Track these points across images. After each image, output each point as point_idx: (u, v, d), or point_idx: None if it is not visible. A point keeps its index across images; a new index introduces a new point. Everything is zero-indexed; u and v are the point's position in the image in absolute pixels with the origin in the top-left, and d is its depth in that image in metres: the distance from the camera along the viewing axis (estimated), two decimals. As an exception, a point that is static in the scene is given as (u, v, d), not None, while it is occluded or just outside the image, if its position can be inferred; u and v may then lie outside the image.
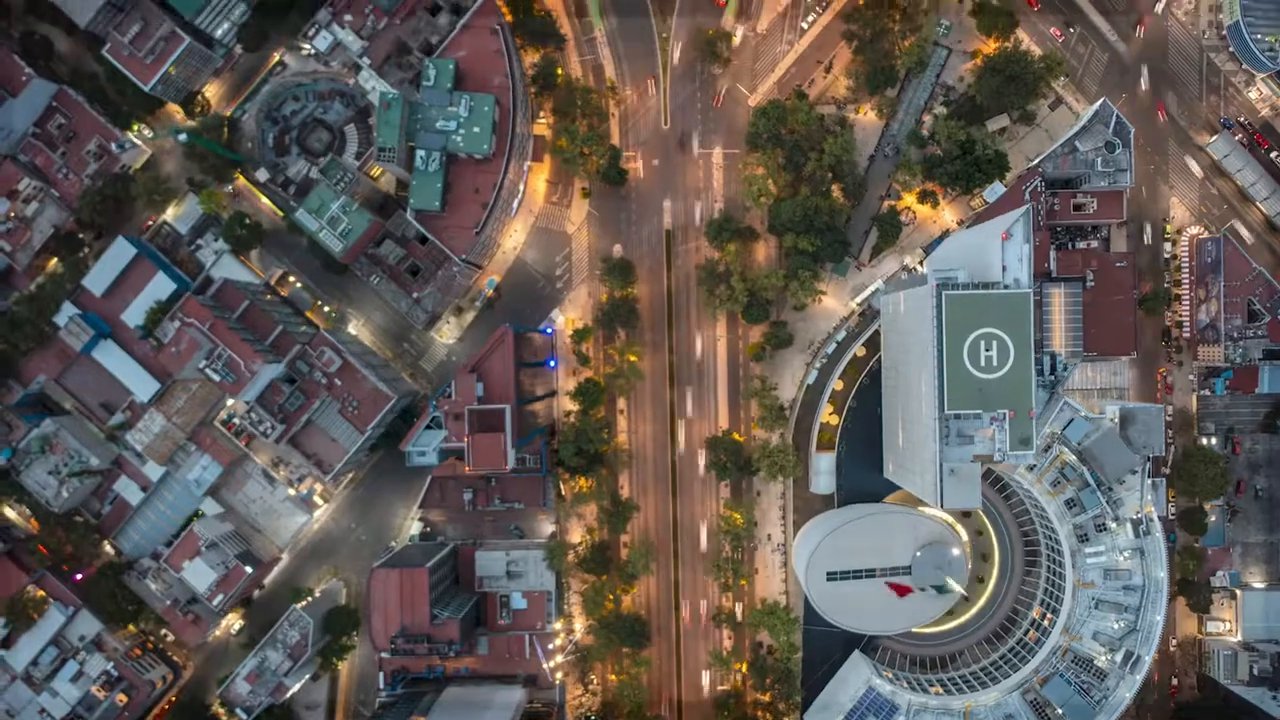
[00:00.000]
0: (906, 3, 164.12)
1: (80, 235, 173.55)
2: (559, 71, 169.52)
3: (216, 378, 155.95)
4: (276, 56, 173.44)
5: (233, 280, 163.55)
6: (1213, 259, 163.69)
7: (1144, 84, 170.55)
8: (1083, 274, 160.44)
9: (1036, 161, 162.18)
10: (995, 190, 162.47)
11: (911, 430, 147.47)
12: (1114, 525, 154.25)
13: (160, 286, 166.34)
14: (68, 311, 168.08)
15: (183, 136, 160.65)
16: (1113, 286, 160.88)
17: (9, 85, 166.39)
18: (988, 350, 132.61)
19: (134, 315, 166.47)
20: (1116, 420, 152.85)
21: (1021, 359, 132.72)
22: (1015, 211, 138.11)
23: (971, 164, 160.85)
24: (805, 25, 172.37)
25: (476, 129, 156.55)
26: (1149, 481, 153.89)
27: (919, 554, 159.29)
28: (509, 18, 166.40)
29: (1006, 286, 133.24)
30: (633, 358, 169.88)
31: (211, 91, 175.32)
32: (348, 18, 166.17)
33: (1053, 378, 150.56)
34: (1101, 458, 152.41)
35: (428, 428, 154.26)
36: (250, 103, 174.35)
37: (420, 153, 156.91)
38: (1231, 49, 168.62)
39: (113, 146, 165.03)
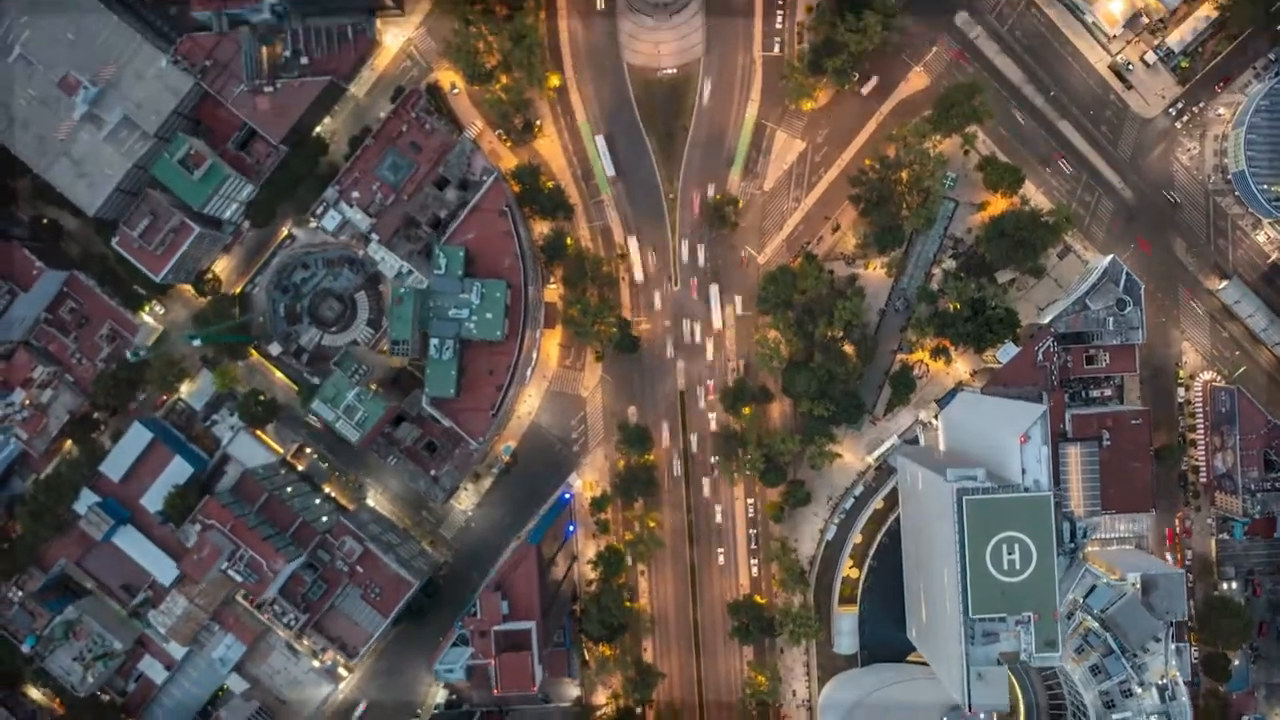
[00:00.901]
0: (913, 159, 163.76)
1: (95, 415, 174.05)
2: (569, 241, 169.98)
3: (239, 579, 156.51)
4: (285, 230, 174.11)
5: (250, 470, 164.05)
6: (1227, 410, 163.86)
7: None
8: (1098, 434, 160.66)
9: (1048, 321, 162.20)
10: (1008, 351, 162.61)
11: (934, 612, 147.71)
12: (1139, 690, 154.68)
13: (178, 470, 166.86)
14: (86, 499, 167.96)
15: (196, 341, 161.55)
16: (1129, 444, 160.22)
17: (21, 280, 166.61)
18: (1010, 554, 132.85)
19: (153, 500, 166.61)
20: (1138, 586, 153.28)
21: (1044, 561, 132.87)
22: (1033, 411, 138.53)
23: (983, 324, 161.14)
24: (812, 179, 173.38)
25: (489, 315, 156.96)
26: (1173, 646, 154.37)
27: (946, 718, 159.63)
28: (515, 188, 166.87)
29: (1026, 489, 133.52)
30: (652, 524, 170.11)
31: (221, 266, 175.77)
32: (355, 194, 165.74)
33: (1072, 545, 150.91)
34: (1125, 625, 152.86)
35: (454, 645, 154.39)
36: (260, 276, 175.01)
37: (434, 341, 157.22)
38: (1237, 194, 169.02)
39: (127, 355, 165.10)
